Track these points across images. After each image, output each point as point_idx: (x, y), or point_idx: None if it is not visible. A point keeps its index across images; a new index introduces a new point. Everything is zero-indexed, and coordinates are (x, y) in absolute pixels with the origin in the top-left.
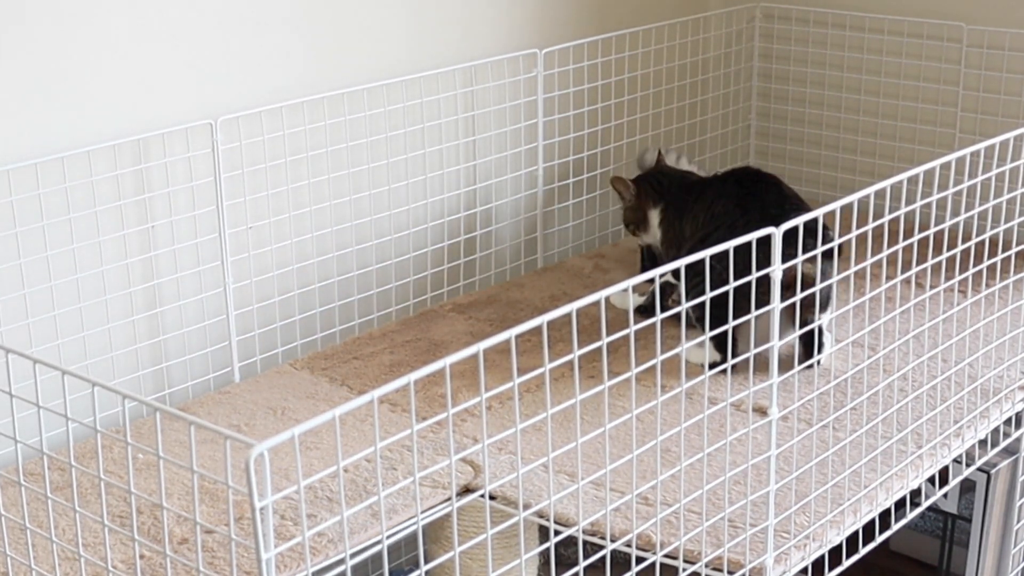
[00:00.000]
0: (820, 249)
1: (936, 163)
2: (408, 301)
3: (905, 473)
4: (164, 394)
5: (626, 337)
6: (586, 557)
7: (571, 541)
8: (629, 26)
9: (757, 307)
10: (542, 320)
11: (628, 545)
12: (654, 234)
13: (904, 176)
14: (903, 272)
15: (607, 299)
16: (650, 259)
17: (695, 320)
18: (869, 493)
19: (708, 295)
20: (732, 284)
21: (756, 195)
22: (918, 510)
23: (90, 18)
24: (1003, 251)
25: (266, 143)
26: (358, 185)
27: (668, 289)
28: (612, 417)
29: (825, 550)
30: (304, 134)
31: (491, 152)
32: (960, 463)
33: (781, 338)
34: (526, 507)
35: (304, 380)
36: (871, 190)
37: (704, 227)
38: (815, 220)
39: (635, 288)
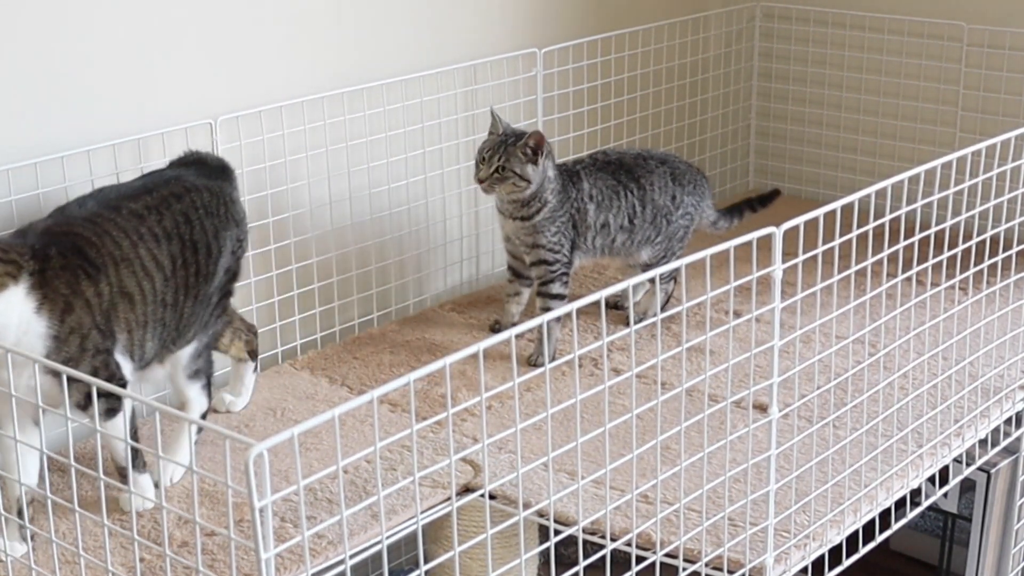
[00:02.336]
0: None
1: (937, 163)
2: (408, 301)
3: (905, 472)
4: (164, 394)
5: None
6: (586, 556)
7: (571, 540)
8: (629, 25)
9: None
10: (542, 320)
11: (628, 544)
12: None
13: (905, 176)
14: (904, 271)
15: None
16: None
17: None
18: (869, 492)
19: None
20: (733, 283)
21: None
22: (918, 509)
23: (90, 18)
24: (1004, 250)
25: (266, 143)
26: (358, 185)
27: None
28: (612, 416)
29: (825, 549)
30: (304, 134)
31: None
32: (960, 462)
33: None
34: (526, 506)
35: (304, 380)
36: (872, 189)
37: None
38: None
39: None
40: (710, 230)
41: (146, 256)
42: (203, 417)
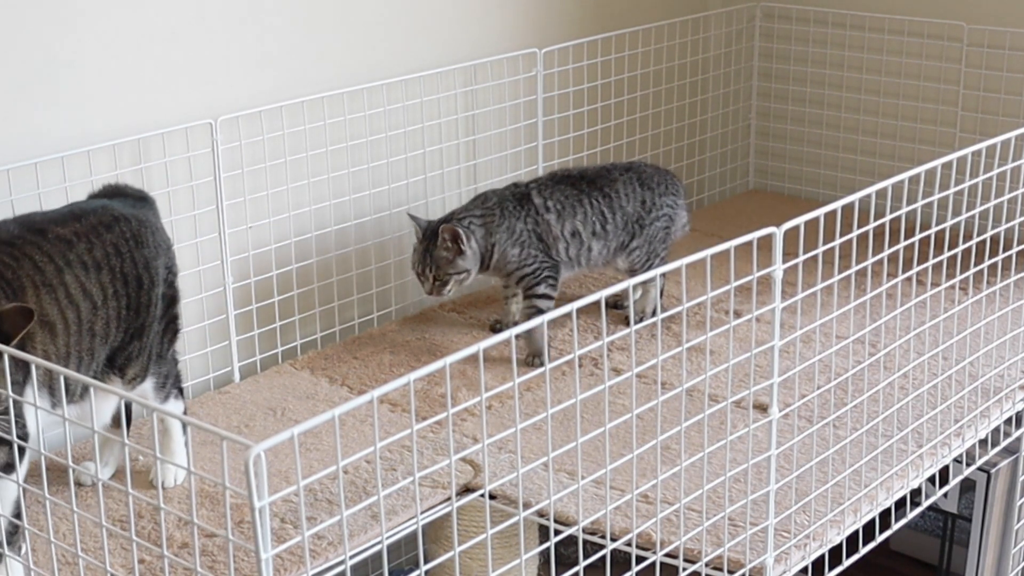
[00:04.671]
0: None
1: (937, 163)
2: (408, 301)
3: (905, 472)
4: None
5: None
6: (586, 556)
7: (571, 540)
8: (629, 25)
9: None
10: (542, 320)
11: (628, 544)
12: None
13: (905, 176)
14: (904, 271)
15: None
16: None
17: None
18: (869, 492)
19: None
20: (734, 283)
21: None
22: (918, 509)
23: (90, 18)
24: (1004, 250)
25: (266, 143)
26: (358, 185)
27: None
28: (612, 416)
29: (825, 549)
30: (304, 134)
31: (491, 152)
32: (960, 462)
33: None
34: (526, 506)
35: (304, 380)
36: (872, 189)
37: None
38: None
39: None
40: (680, 233)
41: (72, 283)
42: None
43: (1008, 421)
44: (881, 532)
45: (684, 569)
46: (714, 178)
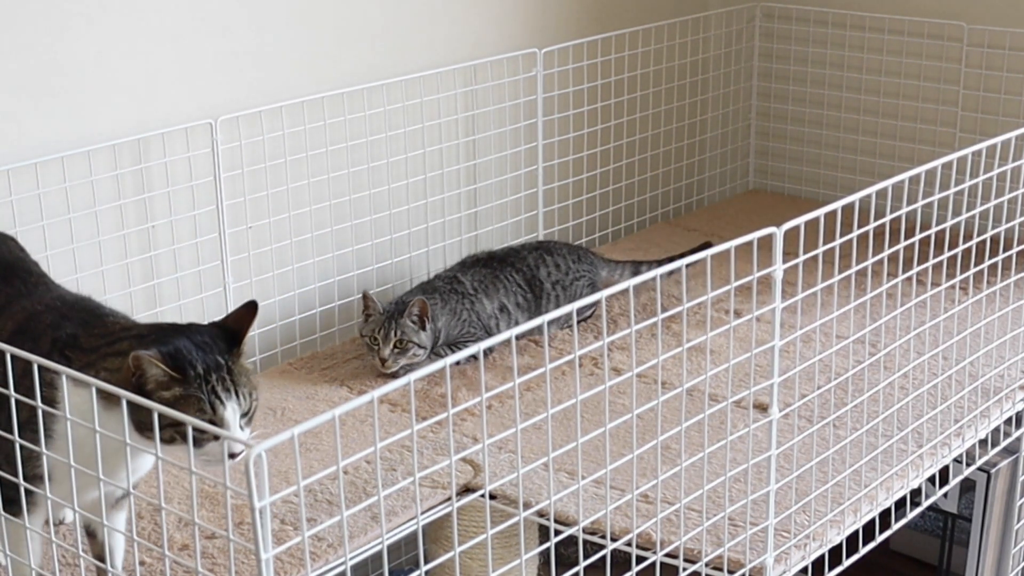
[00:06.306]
0: None
1: (937, 163)
2: None
3: (905, 472)
4: None
5: None
6: (586, 556)
7: (571, 540)
8: (629, 25)
9: None
10: (542, 320)
11: (628, 544)
12: None
13: (905, 176)
14: (904, 271)
15: None
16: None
17: None
18: (869, 492)
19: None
20: (734, 283)
21: None
22: (918, 510)
23: (90, 18)
24: (1004, 250)
25: (266, 143)
26: (358, 185)
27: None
28: (612, 416)
29: (825, 549)
30: (304, 134)
31: (491, 152)
32: (960, 462)
33: None
34: (526, 506)
35: (303, 380)
36: (872, 190)
37: None
38: None
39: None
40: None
41: None
42: None
43: (1008, 421)
44: (881, 532)
45: (684, 569)
46: (714, 178)
